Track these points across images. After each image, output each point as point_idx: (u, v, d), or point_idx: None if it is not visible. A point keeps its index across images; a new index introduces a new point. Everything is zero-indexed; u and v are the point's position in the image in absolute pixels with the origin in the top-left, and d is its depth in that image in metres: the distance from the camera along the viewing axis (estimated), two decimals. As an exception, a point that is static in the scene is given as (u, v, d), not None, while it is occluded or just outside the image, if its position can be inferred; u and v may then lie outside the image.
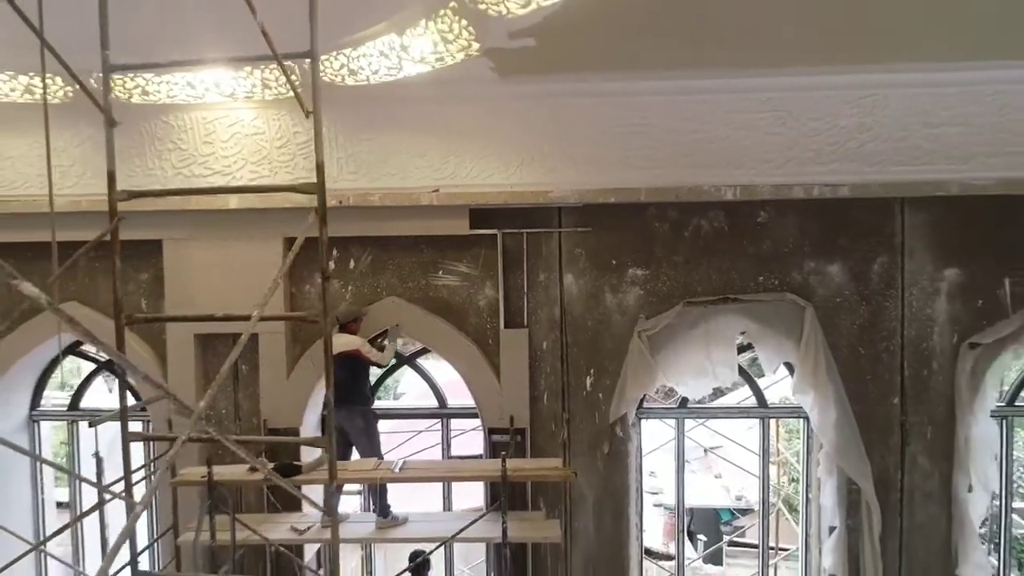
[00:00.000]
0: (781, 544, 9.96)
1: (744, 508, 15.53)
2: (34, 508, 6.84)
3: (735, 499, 16.12)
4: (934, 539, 5.83)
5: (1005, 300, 5.73)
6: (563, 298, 5.96)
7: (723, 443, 15.97)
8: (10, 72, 5.04)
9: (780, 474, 12.38)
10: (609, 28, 4.46)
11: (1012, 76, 5.12)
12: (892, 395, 5.82)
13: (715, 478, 17.86)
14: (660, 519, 14.73)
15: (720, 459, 14.27)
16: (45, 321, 6.31)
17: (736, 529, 14.63)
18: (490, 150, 5.62)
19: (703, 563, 13.20)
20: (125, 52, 3.56)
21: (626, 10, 4.20)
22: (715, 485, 17.56)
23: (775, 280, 5.88)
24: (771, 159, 5.51)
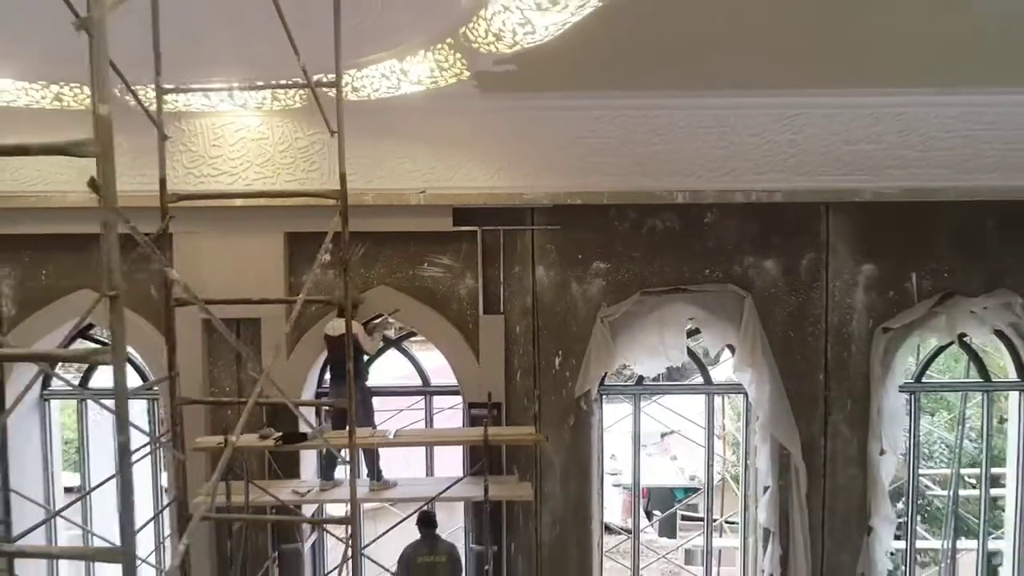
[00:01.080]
0: (727, 515, 10.96)
1: (697, 487, 16.58)
2: (45, 488, 7.34)
3: (689, 479, 17.23)
4: (852, 496, 6.79)
5: (912, 291, 6.70)
6: (535, 288, 6.74)
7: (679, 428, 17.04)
8: (43, 81, 5.59)
9: (727, 452, 13.38)
10: (579, 55, 5.19)
11: (912, 101, 6.06)
12: (817, 372, 6.76)
13: (671, 460, 18.98)
14: (619, 498, 15.72)
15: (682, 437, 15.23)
16: (58, 307, 6.88)
17: (690, 507, 15.71)
18: (472, 157, 6.36)
19: (658, 536, 14.21)
20: (139, 65, 4.18)
21: (593, 41, 4.95)
22: (671, 467, 18.69)
23: (719, 273, 6.74)
24: (716, 168, 6.37)
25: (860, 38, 5.02)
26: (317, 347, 6.63)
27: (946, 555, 7.80)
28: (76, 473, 8.10)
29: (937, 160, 6.34)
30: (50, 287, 6.86)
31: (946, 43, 5.08)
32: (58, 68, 5.49)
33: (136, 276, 6.72)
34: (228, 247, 6.57)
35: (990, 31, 4.73)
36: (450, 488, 6.09)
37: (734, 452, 13.92)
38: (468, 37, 4.24)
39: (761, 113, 6.24)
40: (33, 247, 6.83)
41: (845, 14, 4.57)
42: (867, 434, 6.75)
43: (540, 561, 6.86)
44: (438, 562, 6.04)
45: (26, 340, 6.90)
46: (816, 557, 6.77)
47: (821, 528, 6.78)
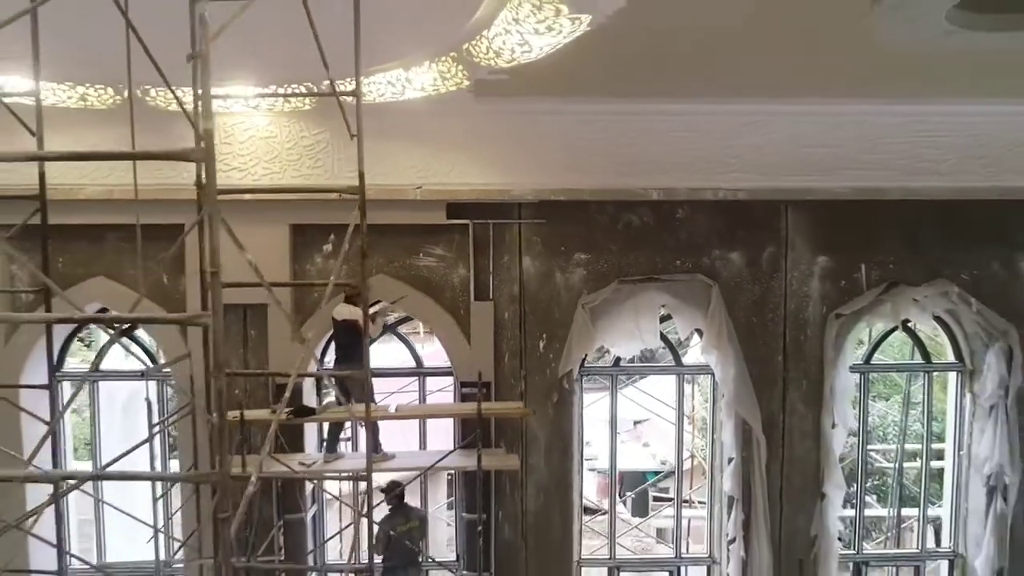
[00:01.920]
0: (696, 489, 11.71)
1: (668, 471, 17.37)
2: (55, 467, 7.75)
3: (660, 463, 18.02)
4: (807, 465, 7.51)
5: (861, 281, 7.42)
6: (522, 277, 7.33)
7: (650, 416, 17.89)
8: (70, 83, 6.03)
9: (696, 435, 14.12)
10: (565, 66, 5.77)
11: (863, 110, 6.77)
12: (776, 355, 7.46)
13: (643, 446, 19.77)
14: (594, 481, 16.42)
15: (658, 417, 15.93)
16: (73, 293, 7.29)
17: (661, 489, 16.53)
18: (465, 156, 6.93)
19: (631, 515, 14.96)
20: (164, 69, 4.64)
21: (579, 54, 5.53)
22: (643, 453, 19.48)
23: (689, 264, 7.40)
24: (687, 168, 7.02)
25: (817, 55, 5.67)
26: (321, 330, 7.15)
27: (892, 522, 8.60)
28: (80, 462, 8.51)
29: (885, 163, 7.07)
30: (66, 274, 7.27)
31: (891, 60, 5.75)
32: (85, 70, 5.94)
33: (147, 263, 7.15)
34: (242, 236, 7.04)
35: (926, 54, 5.39)
36: (444, 459, 6.68)
37: (703, 436, 14.73)
38: (471, 53, 4.80)
39: (729, 119, 6.90)
40: (51, 237, 7.22)
41: (803, 35, 5.19)
42: (820, 410, 7.47)
43: (525, 528, 7.47)
44: (413, 527, 6.68)
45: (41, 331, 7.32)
46: (775, 521, 7.48)
47: (779, 495, 7.49)
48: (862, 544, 8.24)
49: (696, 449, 12.88)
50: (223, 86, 6.17)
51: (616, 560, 8.04)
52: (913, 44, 4.11)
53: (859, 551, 8.14)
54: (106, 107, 6.37)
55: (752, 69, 6.08)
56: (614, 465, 8.13)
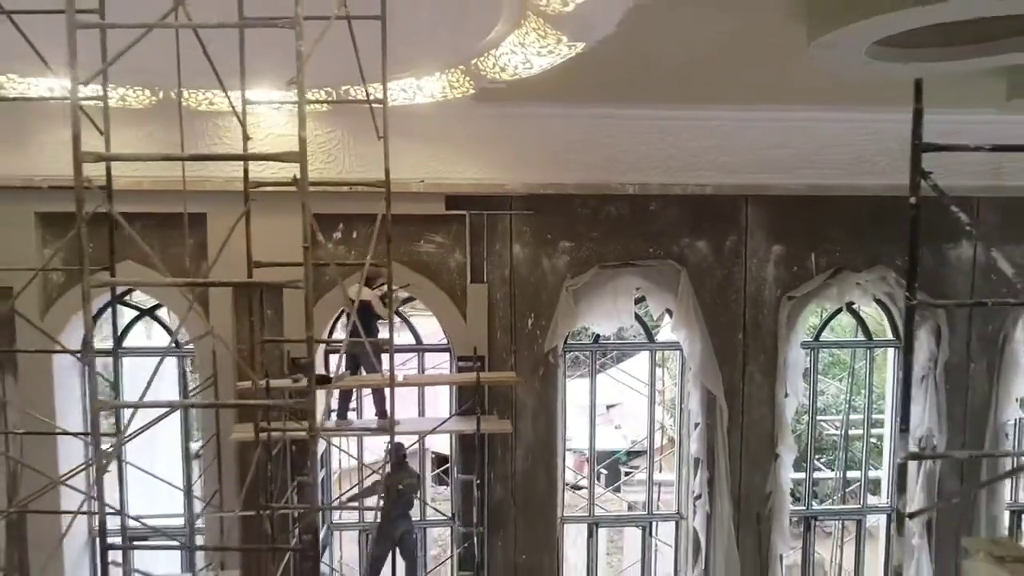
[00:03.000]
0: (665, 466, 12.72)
1: (638, 450, 18.42)
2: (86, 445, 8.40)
3: (631, 443, 19.08)
4: (763, 429, 8.50)
5: (811, 267, 8.42)
6: (512, 262, 8.17)
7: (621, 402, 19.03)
8: (112, 84, 6.69)
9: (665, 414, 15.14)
10: (555, 76, 6.60)
11: (814, 116, 7.74)
12: (737, 332, 8.42)
13: (615, 428, 20.85)
14: (571, 459, 17.39)
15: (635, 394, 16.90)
16: (103, 275, 7.93)
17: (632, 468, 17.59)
18: (463, 153, 7.75)
19: (604, 490, 15.93)
20: (198, 75, 5.37)
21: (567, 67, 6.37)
22: (615, 434, 20.55)
23: (661, 251, 8.30)
24: (660, 166, 7.92)
25: (773, 72, 6.58)
26: (333, 309, 7.92)
27: (839, 483, 9.66)
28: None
29: (831, 163, 8.05)
30: (96, 258, 7.85)
31: (834, 76, 6.68)
32: (128, 75, 6.61)
33: (170, 250, 7.83)
34: (254, 225, 7.76)
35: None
36: (444, 423, 7.51)
37: (671, 414, 15.79)
38: (478, 67, 5.60)
39: (697, 123, 7.83)
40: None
41: (760, 57, 6.07)
42: (775, 381, 8.45)
43: (514, 487, 8.34)
44: (413, 482, 7.53)
45: (76, 303, 7.96)
46: (735, 479, 8.46)
47: (739, 455, 8.47)
48: (812, 501, 9.29)
49: (666, 424, 13.88)
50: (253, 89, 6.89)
51: (595, 517, 8.96)
52: (843, 71, 5.01)
53: (809, 507, 9.19)
54: (142, 107, 7.04)
55: (717, 82, 6.98)
56: (593, 434, 9.03)
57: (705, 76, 6.76)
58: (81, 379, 8.42)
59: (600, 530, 8.97)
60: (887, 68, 4.86)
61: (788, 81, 6.89)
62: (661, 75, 6.60)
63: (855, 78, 5.24)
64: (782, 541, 8.53)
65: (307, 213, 3.49)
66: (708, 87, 7.07)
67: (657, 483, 10.24)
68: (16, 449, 7.69)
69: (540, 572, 8.38)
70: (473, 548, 8.02)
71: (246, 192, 5.69)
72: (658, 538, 9.14)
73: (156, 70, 6.40)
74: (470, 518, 8.18)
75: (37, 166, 7.66)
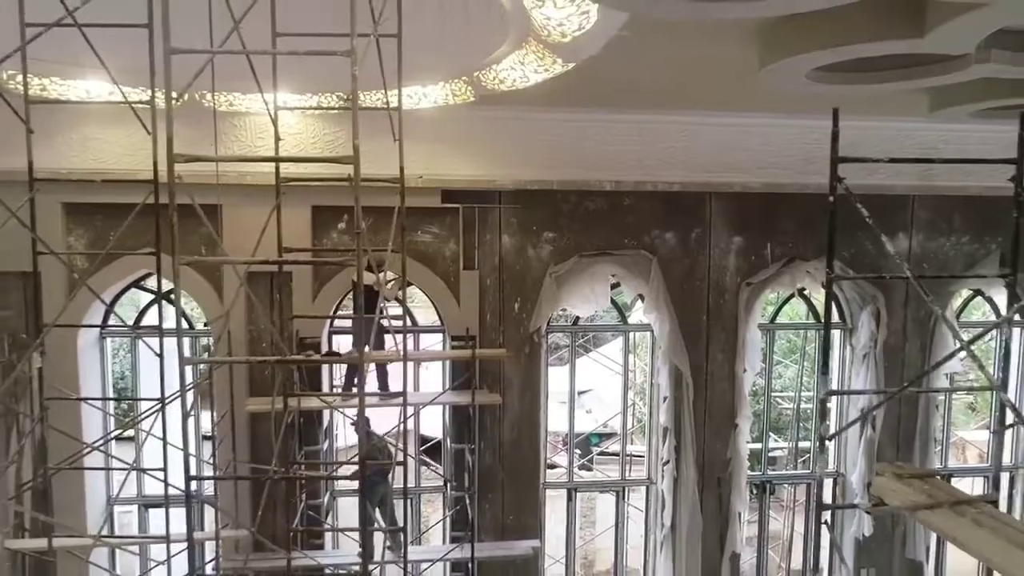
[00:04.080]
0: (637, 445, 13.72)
1: (609, 432, 19.46)
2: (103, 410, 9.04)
3: (602, 426, 20.13)
4: (724, 402, 9.50)
5: (767, 256, 9.42)
6: (501, 251, 9.02)
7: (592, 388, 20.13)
8: (142, 87, 7.35)
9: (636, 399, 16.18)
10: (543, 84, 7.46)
11: (769, 123, 8.71)
12: (702, 314, 9.39)
13: (587, 413, 21.90)
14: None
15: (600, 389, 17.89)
16: (124, 261, 8.56)
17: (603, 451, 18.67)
18: (458, 152, 8.56)
19: (578, 469, 16.93)
20: (221, 78, 6.11)
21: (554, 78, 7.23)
22: (587, 418, 21.61)
23: (634, 242, 9.23)
24: (633, 165, 8.83)
25: (734, 84, 7.49)
26: (337, 293, 8.68)
27: (792, 452, 10.71)
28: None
29: (785, 164, 9.05)
30: (116, 246, 8.53)
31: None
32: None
33: (188, 238, 8.49)
34: (265, 215, 8.48)
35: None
36: (441, 396, 8.35)
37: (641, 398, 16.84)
38: (480, 79, 6.42)
39: (667, 128, 8.76)
40: (104, 213, 8.50)
41: (723, 74, 6.98)
42: (735, 358, 9.45)
43: (502, 456, 9.21)
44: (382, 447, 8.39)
45: (99, 286, 8.58)
46: (699, 446, 9.45)
47: (703, 425, 9.46)
48: (767, 468, 10.35)
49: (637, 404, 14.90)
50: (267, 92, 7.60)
51: (573, 482, 9.89)
52: (789, 89, 5.95)
53: (764, 472, 10.24)
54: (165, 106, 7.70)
55: (685, 93, 7.91)
56: (572, 409, 9.94)
57: (674, 88, 7.67)
58: (101, 355, 9.06)
59: (574, 503, 9.88)
60: (825, 88, 5.81)
61: (746, 93, 7.83)
62: (636, 86, 7.49)
63: (799, 95, 6.19)
64: (740, 501, 9.55)
65: (358, 206, 4.31)
66: (676, 96, 7.99)
67: (629, 455, 11.22)
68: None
69: (525, 532, 9.26)
70: (465, 510, 8.87)
71: (277, 188, 6.46)
72: (630, 503, 10.10)
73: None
74: (462, 483, 9.03)
75: (63, 160, 8.26)
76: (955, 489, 4.15)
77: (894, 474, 4.14)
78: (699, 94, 7.83)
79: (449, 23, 5.77)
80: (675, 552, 9.47)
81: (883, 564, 10.02)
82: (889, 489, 4.08)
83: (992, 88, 6.16)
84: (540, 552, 9.19)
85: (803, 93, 6.11)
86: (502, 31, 5.36)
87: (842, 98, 7.03)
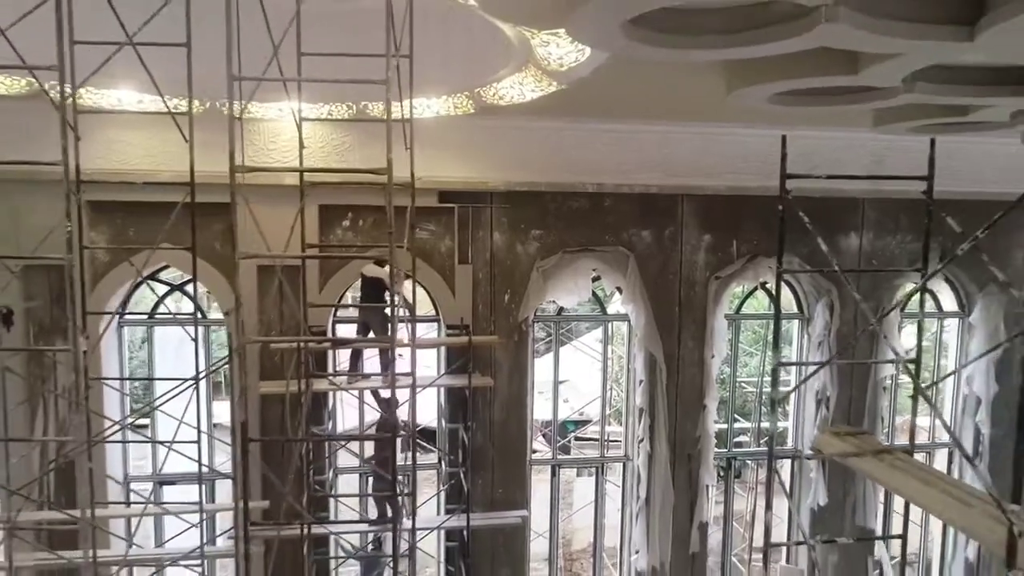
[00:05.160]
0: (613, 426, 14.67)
1: (585, 420, 20.44)
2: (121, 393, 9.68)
3: (578, 414, 21.11)
4: (694, 385, 10.45)
5: (733, 253, 10.39)
6: (492, 247, 9.84)
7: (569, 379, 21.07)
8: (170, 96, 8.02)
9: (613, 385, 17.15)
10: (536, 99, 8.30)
11: (736, 132, 9.64)
12: (674, 305, 10.33)
13: (563, 402, 22.82)
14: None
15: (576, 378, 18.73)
16: (142, 256, 9.20)
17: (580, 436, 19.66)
18: (454, 157, 9.35)
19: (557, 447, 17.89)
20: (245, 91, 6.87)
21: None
22: (564, 407, 22.54)
23: (613, 239, 10.12)
24: (613, 169, 9.71)
25: (705, 98, 8.38)
26: (344, 283, 9.44)
27: (755, 432, 11.72)
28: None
29: (750, 169, 9.99)
30: (139, 239, 9.20)
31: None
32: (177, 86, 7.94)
33: (203, 232, 9.15)
34: (277, 214, 9.17)
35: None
36: (440, 378, 9.17)
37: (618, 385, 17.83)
38: (481, 95, 7.23)
39: (645, 135, 9.64)
40: (124, 211, 9.14)
41: (695, 92, 7.86)
42: (703, 346, 10.41)
43: (493, 434, 10.06)
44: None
45: (119, 280, 9.24)
46: (671, 425, 10.39)
47: (675, 406, 10.40)
48: (733, 446, 11.35)
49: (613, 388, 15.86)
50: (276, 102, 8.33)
51: (556, 459, 10.77)
52: (753, 107, 6.87)
53: (730, 449, 11.23)
54: (197, 113, 8.38)
55: (660, 106, 8.80)
56: (556, 389, 10.82)
57: (651, 103, 8.56)
58: (119, 342, 9.70)
59: (557, 479, 10.77)
60: (784, 109, 6.74)
61: (715, 107, 8.74)
62: (618, 101, 8.36)
63: (762, 112, 7.12)
64: (708, 475, 10.53)
65: (390, 208, 5.08)
66: (653, 109, 8.88)
67: (607, 438, 12.16)
68: (64, 403, 9.01)
69: (513, 503, 10.12)
70: (457, 485, 9.70)
71: (302, 192, 7.18)
72: (607, 479, 11.03)
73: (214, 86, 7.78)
74: (456, 460, 9.86)
75: (89, 161, 8.82)
76: (879, 443, 5.10)
77: (832, 433, 5.06)
78: (673, 108, 8.73)
79: (456, 48, 6.58)
80: (649, 522, 10.41)
81: (836, 531, 11.08)
82: (827, 443, 5.01)
83: (925, 110, 7.14)
84: (527, 521, 10.06)
85: (765, 111, 7.03)
86: (505, 58, 6.17)
87: (799, 115, 8.04)
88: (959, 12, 4.06)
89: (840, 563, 11.02)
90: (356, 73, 6.63)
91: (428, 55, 6.59)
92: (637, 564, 10.57)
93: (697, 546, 10.60)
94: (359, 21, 6.62)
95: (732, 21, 4.50)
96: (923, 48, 4.55)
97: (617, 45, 4.64)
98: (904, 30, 4.10)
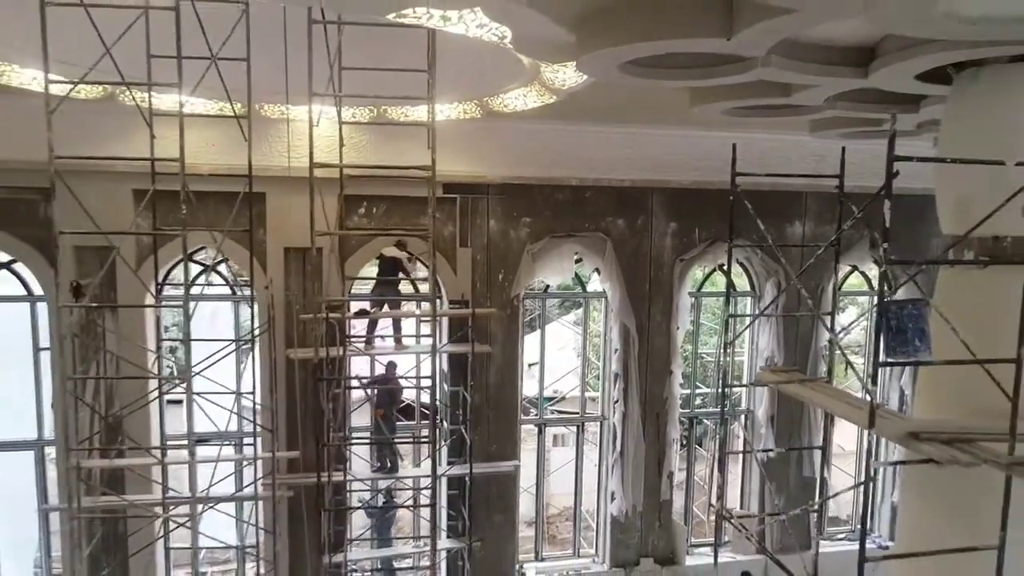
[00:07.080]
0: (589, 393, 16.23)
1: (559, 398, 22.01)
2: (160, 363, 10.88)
3: (553, 392, 22.64)
4: (661, 354, 12.06)
5: (695, 239, 12.01)
6: (489, 232, 11.28)
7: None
8: (212, 99, 9.26)
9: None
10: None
11: (701, 134, 11.19)
12: (645, 284, 11.91)
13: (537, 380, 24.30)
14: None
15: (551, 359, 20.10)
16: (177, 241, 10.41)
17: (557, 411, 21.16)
18: (457, 153, 10.74)
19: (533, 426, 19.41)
20: (273, 92, 8.20)
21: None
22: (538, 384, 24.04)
23: (593, 226, 11.64)
24: (594, 166, 11.23)
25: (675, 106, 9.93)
26: (360, 264, 10.78)
27: (715, 396, 13.38)
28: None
29: (712, 167, 11.52)
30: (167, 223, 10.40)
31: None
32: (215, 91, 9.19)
33: (238, 220, 10.42)
34: (302, 201, 10.48)
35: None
36: (445, 346, 10.60)
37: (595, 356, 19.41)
38: (488, 103, 8.64)
39: (620, 136, 11.17)
40: (168, 199, 10.32)
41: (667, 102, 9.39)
42: (670, 319, 12.02)
43: (488, 396, 11.53)
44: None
45: (164, 259, 10.43)
46: (643, 389, 11.99)
47: (645, 372, 12.00)
48: (695, 407, 13.01)
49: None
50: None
51: (543, 419, 12.30)
52: (713, 117, 8.46)
53: (693, 410, 12.89)
54: (213, 114, 9.64)
55: (637, 110, 10.32)
56: (543, 356, 12.33)
57: (628, 110, 10.08)
58: (156, 318, 10.90)
59: (548, 428, 12.30)
60: (737, 119, 8.32)
61: (681, 113, 10.31)
62: (600, 108, 9.86)
63: (720, 119, 8.70)
64: (674, 431, 12.16)
65: (432, 198, 6.48)
66: (629, 115, 10.41)
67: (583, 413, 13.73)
68: (113, 369, 10.24)
69: (505, 457, 11.62)
70: (460, 439, 11.15)
71: (341, 184, 8.52)
72: (585, 438, 12.59)
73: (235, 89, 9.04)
74: (456, 418, 11.30)
75: (135, 154, 10.04)
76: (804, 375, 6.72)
77: (771, 370, 6.65)
78: (646, 115, 10.27)
79: (470, 66, 7.99)
80: (623, 471, 12.00)
81: (783, 480, 12.83)
82: (767, 377, 6.61)
83: (848, 121, 8.79)
84: (518, 471, 11.57)
85: (723, 119, 8.60)
86: (515, 76, 7.61)
87: (751, 123, 9.63)
88: (857, 58, 5.63)
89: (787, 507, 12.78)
90: (383, 83, 8.04)
91: (445, 70, 7.99)
92: (612, 509, 12.17)
93: (667, 494, 12.25)
94: (383, 33, 7.92)
95: (696, 59, 5.99)
96: (833, 82, 6.12)
97: (612, 75, 6.09)
98: (817, 70, 5.66)
